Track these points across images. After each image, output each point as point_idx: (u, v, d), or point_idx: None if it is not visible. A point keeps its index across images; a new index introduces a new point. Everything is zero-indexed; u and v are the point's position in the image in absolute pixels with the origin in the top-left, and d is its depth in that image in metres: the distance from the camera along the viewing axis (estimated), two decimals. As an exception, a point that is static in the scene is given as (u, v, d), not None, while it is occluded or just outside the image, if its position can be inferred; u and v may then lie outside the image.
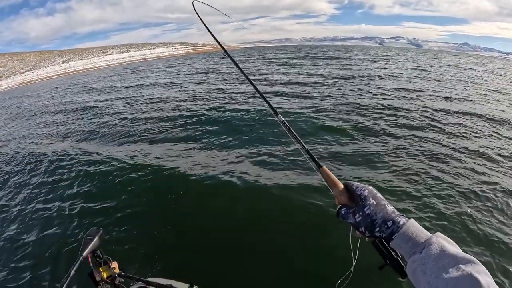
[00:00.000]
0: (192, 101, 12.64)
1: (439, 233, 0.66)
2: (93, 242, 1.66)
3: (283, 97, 12.04)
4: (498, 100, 12.24)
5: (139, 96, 15.79)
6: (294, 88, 14.34)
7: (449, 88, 14.69)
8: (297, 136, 1.07)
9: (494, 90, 14.79)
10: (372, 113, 9.22)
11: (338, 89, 13.79)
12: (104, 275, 1.73)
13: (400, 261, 0.75)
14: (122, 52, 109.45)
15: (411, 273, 0.65)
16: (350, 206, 0.81)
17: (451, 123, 8.40)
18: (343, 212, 0.82)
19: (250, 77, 1.54)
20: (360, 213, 0.77)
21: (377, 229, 0.75)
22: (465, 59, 45.60)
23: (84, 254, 1.60)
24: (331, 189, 0.88)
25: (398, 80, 16.15)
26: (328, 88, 14.02)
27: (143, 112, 11.60)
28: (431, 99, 11.83)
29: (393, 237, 0.71)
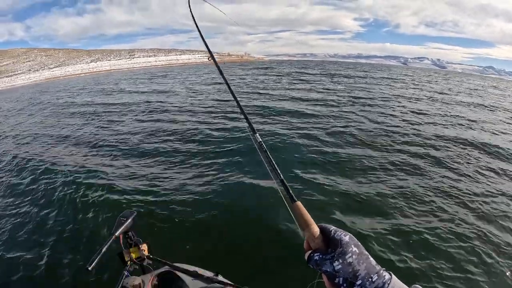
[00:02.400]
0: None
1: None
2: (126, 224, 1.69)
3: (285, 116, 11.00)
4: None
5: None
6: (306, 105, 13.31)
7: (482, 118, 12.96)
8: (273, 161, 0.94)
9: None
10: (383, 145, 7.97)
11: (351, 112, 12.45)
12: (133, 256, 1.77)
13: None
14: (149, 56, 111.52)
15: None
16: (326, 252, 0.67)
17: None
18: (317, 257, 0.67)
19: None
20: (340, 261, 0.64)
21: (359, 282, 0.62)
22: (489, 83, 43.38)
23: (117, 234, 1.62)
24: (302, 229, 0.74)
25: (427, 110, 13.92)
26: (339, 108, 12.84)
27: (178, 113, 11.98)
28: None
29: None
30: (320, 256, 0.67)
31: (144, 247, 1.83)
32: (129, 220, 1.73)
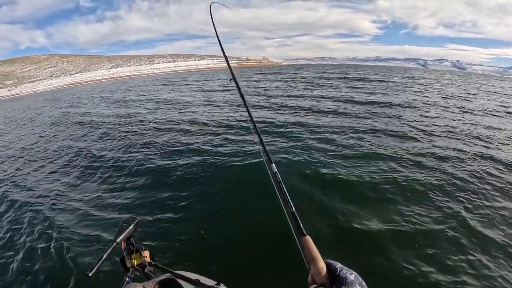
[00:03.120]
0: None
1: None
2: (128, 230, 1.68)
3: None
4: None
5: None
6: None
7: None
8: (286, 194, 0.97)
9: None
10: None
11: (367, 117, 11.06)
12: (135, 262, 1.75)
13: None
14: (169, 62, 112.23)
15: None
16: None
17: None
18: None
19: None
20: None
21: None
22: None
23: (118, 240, 1.61)
24: (308, 264, 0.75)
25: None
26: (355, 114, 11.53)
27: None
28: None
29: None
30: None
31: (146, 253, 1.79)
32: (131, 226, 1.71)
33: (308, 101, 14.67)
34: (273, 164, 1.14)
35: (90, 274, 1.39)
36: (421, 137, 8.28)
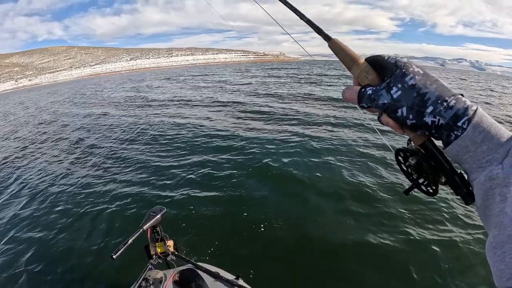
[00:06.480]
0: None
1: None
2: (155, 218, 1.73)
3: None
4: None
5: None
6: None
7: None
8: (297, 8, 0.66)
9: None
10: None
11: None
12: (159, 250, 1.81)
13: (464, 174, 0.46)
14: (187, 55, 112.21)
15: (481, 195, 0.41)
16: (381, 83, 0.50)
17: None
18: (370, 91, 0.49)
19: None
20: (399, 86, 0.46)
21: (430, 108, 0.43)
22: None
23: (145, 227, 1.66)
24: (347, 66, 0.56)
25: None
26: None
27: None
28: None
29: (457, 127, 0.42)
30: (374, 88, 0.48)
31: (170, 243, 1.84)
32: (158, 216, 1.74)
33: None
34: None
35: (114, 257, 1.43)
36: None
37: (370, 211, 3.96)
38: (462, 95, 0.42)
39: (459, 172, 0.46)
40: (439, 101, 0.42)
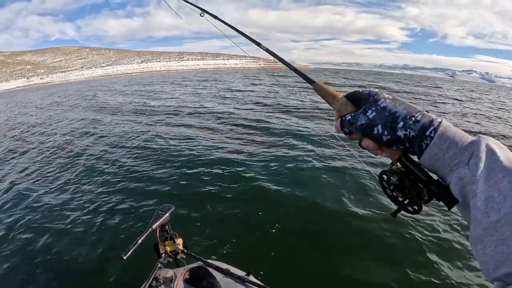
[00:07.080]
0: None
1: (485, 136, 0.46)
2: (163, 217, 1.72)
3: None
4: None
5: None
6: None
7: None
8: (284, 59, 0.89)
9: None
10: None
11: None
12: (168, 249, 1.80)
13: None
14: (198, 60, 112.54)
15: (457, 195, 0.46)
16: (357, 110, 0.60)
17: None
18: (349, 117, 0.58)
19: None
20: (373, 108, 0.55)
21: (401, 123, 0.51)
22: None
23: (154, 226, 1.65)
24: (330, 103, 0.67)
25: None
26: None
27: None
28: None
29: (425, 136, 0.49)
30: (352, 114, 0.58)
31: (180, 241, 1.84)
32: (166, 214, 1.73)
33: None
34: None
35: (124, 257, 1.41)
36: None
37: (380, 215, 3.89)
38: (427, 111, 0.50)
39: (436, 179, 0.50)
40: (408, 117, 0.50)
